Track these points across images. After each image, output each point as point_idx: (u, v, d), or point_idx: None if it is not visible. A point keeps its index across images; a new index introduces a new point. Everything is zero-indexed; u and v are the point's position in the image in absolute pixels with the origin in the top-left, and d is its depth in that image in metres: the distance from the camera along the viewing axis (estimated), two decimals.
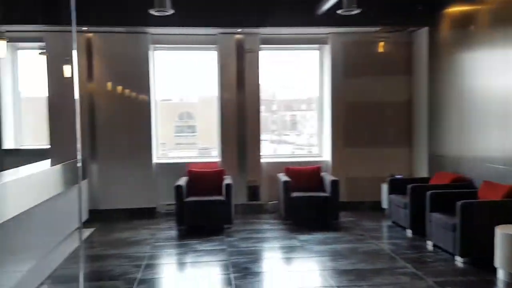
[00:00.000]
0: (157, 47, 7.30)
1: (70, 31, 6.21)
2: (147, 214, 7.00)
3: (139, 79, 7.03)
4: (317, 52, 7.67)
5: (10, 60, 7.16)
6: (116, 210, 6.97)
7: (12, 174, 4.34)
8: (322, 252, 5.12)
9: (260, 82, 7.21)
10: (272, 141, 8.14)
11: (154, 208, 7.13)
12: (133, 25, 6.68)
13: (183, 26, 6.59)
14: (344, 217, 6.71)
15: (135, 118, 7.05)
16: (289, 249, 5.35)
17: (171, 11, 5.37)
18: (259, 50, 7.17)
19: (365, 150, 7.39)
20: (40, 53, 5.63)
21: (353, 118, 7.37)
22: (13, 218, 3.74)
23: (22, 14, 6.05)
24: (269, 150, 7.86)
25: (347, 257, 4.88)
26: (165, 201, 7.11)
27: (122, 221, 6.69)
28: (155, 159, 7.28)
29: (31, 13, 5.93)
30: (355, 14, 5.61)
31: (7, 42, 6.09)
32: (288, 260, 5.08)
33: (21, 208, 3.92)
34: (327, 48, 7.43)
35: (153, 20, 6.05)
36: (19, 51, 7.28)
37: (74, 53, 3.70)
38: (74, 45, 3.52)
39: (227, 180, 6.50)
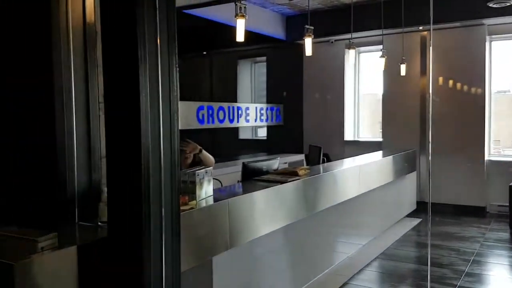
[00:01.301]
0: (493, 38, 6.88)
1: (406, 32, 6.65)
2: (475, 213, 6.75)
3: (472, 71, 6.83)
4: None
5: (353, 62, 8.25)
6: (442, 204, 7.03)
7: (350, 162, 5.09)
8: None
9: None
10: None
11: (484, 207, 6.80)
12: (470, 18, 6.53)
13: None
14: None
15: (466, 112, 6.90)
16: None
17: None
18: None
19: None
20: (380, 56, 6.30)
21: None
22: (354, 198, 4.44)
23: (367, 22, 6.91)
24: None
25: None
26: (497, 201, 6.68)
27: (448, 216, 6.70)
28: (487, 156, 6.92)
29: (374, 20, 6.69)
30: None
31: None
32: None
33: (360, 191, 4.59)
34: None
35: (493, 11, 5.77)
36: (361, 54, 8.30)
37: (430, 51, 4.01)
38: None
39: None
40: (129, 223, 1.75)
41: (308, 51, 4.19)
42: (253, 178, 3.36)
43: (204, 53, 7.54)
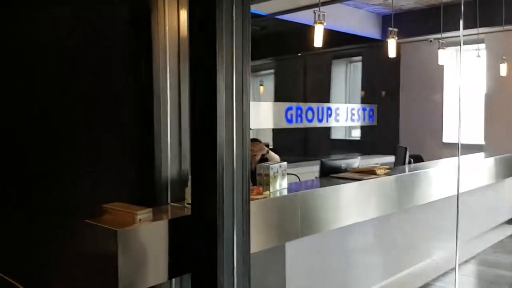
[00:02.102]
0: None
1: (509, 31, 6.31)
2: None
3: None
4: None
5: (449, 62, 7.94)
6: None
7: (436, 164, 5.02)
8: None
9: None
10: None
11: None
12: None
13: None
14: None
15: None
16: None
17: None
18: None
19: None
20: (476, 57, 6.05)
21: None
22: (442, 200, 4.41)
23: (464, 21, 6.65)
24: None
25: None
26: None
27: None
28: None
29: (472, 19, 6.41)
30: None
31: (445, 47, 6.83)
32: None
33: (444, 195, 4.51)
34: None
35: None
36: (463, 53, 7.93)
37: None
38: None
39: None
40: (207, 205, 2.11)
41: (392, 53, 4.27)
42: (330, 175, 3.58)
43: (299, 54, 7.84)
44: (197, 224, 2.16)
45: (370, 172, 3.59)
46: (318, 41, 3.59)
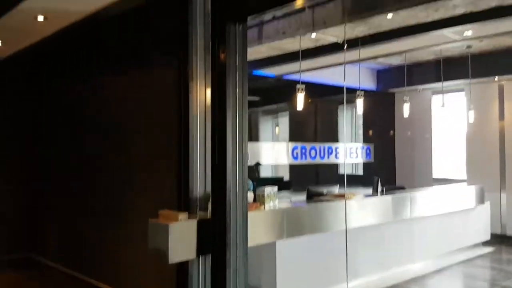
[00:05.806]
0: None
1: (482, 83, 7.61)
2: None
3: None
4: None
5: (433, 110, 9.23)
6: None
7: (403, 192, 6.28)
8: None
9: None
10: None
11: None
12: None
13: None
14: None
15: None
16: None
17: None
18: None
19: None
20: (441, 106, 7.38)
21: None
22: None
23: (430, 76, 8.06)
24: None
25: None
26: None
27: None
28: None
29: (444, 73, 7.79)
30: None
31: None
32: None
33: (406, 216, 5.73)
34: None
35: None
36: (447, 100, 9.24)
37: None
38: None
39: None
40: (220, 213, 3.50)
41: (300, 106, 5.68)
42: (313, 199, 4.92)
43: (309, 100, 9.28)
44: (214, 224, 3.54)
45: (341, 196, 4.91)
46: (300, 105, 5.06)
